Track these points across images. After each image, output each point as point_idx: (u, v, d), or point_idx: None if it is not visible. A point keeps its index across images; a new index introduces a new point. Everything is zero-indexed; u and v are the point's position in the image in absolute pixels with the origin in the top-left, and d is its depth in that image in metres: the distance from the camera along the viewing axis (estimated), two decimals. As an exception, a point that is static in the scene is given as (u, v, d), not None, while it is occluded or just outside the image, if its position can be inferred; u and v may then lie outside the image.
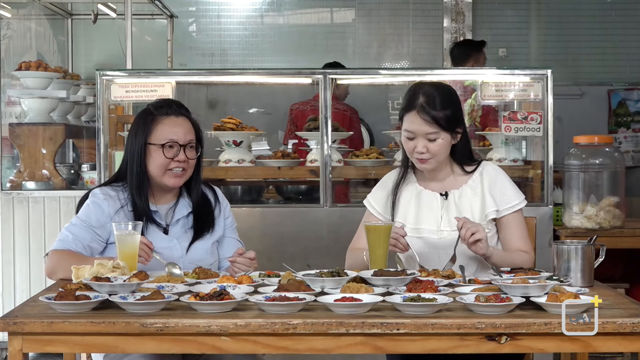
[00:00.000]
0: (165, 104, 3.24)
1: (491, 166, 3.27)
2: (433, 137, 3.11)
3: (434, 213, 3.21)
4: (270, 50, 8.21)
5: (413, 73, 5.23)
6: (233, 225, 3.35)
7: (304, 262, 3.44)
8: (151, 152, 3.15)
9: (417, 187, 3.26)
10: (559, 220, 4.81)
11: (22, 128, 5.43)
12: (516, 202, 3.19)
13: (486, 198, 3.17)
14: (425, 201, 3.23)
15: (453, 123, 3.12)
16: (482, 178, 3.21)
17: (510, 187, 3.22)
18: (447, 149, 3.15)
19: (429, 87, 3.16)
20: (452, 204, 3.20)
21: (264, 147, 5.06)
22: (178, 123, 3.18)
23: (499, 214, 3.17)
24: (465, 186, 3.21)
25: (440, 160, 3.17)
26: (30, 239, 5.18)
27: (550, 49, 8.23)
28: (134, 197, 3.16)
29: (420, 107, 3.10)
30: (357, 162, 4.73)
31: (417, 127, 3.11)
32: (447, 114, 3.10)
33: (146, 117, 3.19)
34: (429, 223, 3.20)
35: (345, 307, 2.44)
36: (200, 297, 2.48)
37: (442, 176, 3.24)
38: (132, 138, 3.20)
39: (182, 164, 3.15)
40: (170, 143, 3.14)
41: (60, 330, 2.39)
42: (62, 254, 3.04)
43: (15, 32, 6.61)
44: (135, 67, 5.27)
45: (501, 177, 3.22)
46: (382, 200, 3.31)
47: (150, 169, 3.16)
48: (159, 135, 3.15)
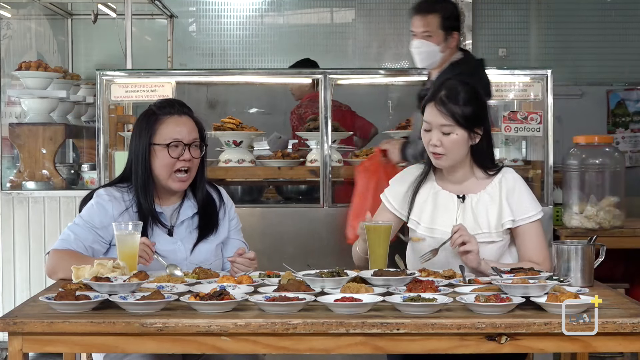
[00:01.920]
0: (168, 103, 3.24)
1: (511, 174, 3.21)
2: (447, 131, 3.10)
3: (450, 215, 3.18)
4: (270, 50, 8.21)
5: (413, 73, 5.22)
6: (238, 226, 3.35)
7: (304, 262, 3.44)
8: (156, 153, 3.15)
9: (435, 187, 3.24)
10: (559, 220, 4.81)
11: (22, 128, 5.43)
12: (533, 212, 3.14)
13: (503, 206, 3.14)
14: (441, 202, 3.20)
15: (471, 121, 3.10)
16: (500, 185, 3.17)
17: (528, 196, 3.18)
18: (462, 147, 3.12)
19: (454, 82, 3.18)
20: (468, 207, 3.17)
21: (264, 147, 5.07)
22: (181, 122, 3.18)
23: (515, 223, 3.14)
24: (484, 192, 3.18)
25: (454, 158, 3.14)
26: (30, 239, 5.18)
27: (550, 49, 8.23)
28: (140, 198, 3.15)
29: (439, 100, 3.11)
30: (357, 162, 4.72)
31: (433, 119, 3.11)
32: (464, 111, 3.09)
33: (149, 117, 3.19)
34: (444, 224, 3.17)
35: (345, 307, 2.44)
36: (200, 297, 2.48)
37: (460, 178, 3.20)
38: (136, 139, 3.18)
39: (187, 163, 3.14)
40: (175, 142, 3.14)
41: (60, 330, 2.39)
42: (63, 254, 3.04)
43: (15, 32, 6.61)
44: (135, 67, 5.27)
45: (520, 185, 3.18)
46: (399, 195, 3.27)
47: (156, 170, 3.15)
48: (163, 135, 3.14)
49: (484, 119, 3.17)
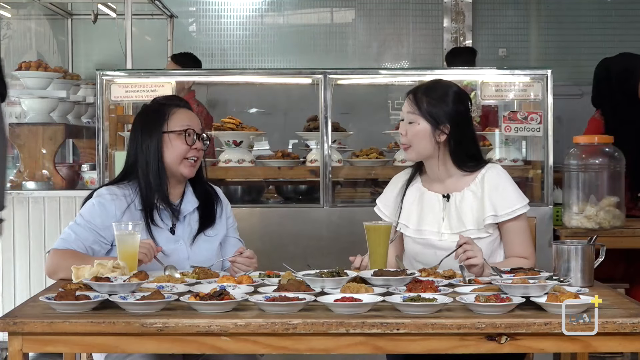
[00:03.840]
0: (173, 97, 3.33)
1: (495, 170, 3.21)
2: (411, 119, 3.15)
3: (436, 215, 3.20)
4: (270, 50, 8.21)
5: (413, 73, 5.23)
6: (234, 225, 3.38)
7: (304, 262, 3.44)
8: (171, 141, 3.16)
9: (420, 189, 3.26)
10: (559, 220, 4.80)
11: (22, 128, 5.43)
12: (517, 206, 3.14)
13: (485, 202, 3.15)
14: (427, 203, 3.22)
15: (436, 116, 3.13)
16: (483, 182, 3.18)
17: (512, 191, 3.17)
18: (424, 140, 3.14)
19: (434, 80, 3.27)
20: (453, 206, 3.18)
21: (264, 147, 5.06)
22: (190, 115, 3.25)
23: (498, 218, 3.14)
24: (467, 189, 3.19)
25: (419, 150, 3.16)
26: (30, 239, 5.18)
27: (550, 49, 8.23)
28: (147, 191, 3.15)
29: (414, 90, 3.20)
30: (357, 162, 4.73)
31: (403, 107, 3.20)
32: (432, 104, 3.13)
33: (158, 109, 3.22)
34: (431, 225, 3.19)
35: (345, 307, 2.44)
36: (200, 297, 2.48)
37: (443, 177, 3.22)
38: (145, 132, 3.18)
39: (198, 152, 3.19)
40: (190, 130, 3.17)
41: (60, 330, 2.39)
42: (64, 254, 3.04)
43: (15, 32, 6.62)
44: (135, 67, 5.27)
45: (503, 181, 3.18)
46: (390, 201, 3.31)
47: (167, 159, 3.17)
48: (178, 122, 3.19)
49: (454, 119, 3.15)
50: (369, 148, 4.89)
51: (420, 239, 3.19)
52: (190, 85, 6.23)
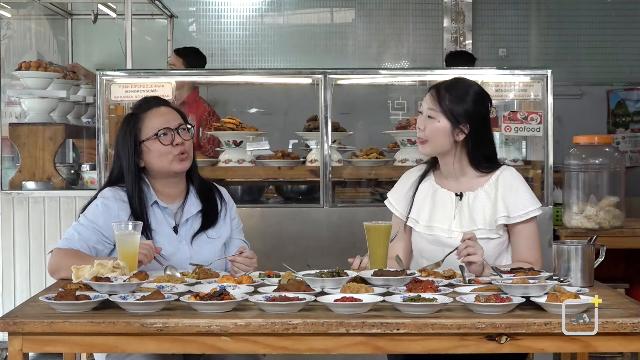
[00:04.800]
0: (143, 101, 3.30)
1: (509, 172, 3.22)
2: (432, 115, 3.15)
3: (447, 213, 3.20)
4: (270, 50, 8.21)
5: (413, 73, 5.23)
6: (239, 226, 3.37)
7: (304, 262, 3.44)
8: (149, 148, 3.16)
9: (433, 186, 3.27)
10: (559, 220, 4.81)
11: (22, 128, 5.43)
12: (530, 209, 3.14)
13: (498, 203, 3.15)
14: (439, 200, 3.23)
15: (457, 115, 3.12)
16: (497, 183, 3.18)
17: (525, 193, 3.18)
18: (443, 137, 3.14)
19: (457, 78, 3.26)
20: (465, 205, 3.18)
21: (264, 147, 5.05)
22: (161, 112, 3.22)
23: (510, 220, 3.14)
24: (481, 189, 3.19)
25: (436, 147, 3.17)
26: (30, 239, 5.18)
27: (550, 49, 8.23)
28: (133, 203, 3.15)
29: (437, 86, 3.20)
30: (357, 162, 4.73)
31: (424, 103, 3.19)
32: (453, 101, 3.13)
33: (129, 120, 3.22)
34: (441, 222, 3.19)
35: (345, 307, 2.44)
36: (200, 297, 2.48)
37: (457, 175, 3.22)
38: (120, 145, 3.20)
39: (182, 147, 3.16)
40: (163, 130, 3.16)
41: (60, 330, 2.40)
42: (66, 253, 3.05)
43: (15, 32, 6.61)
44: (135, 67, 5.27)
45: (518, 183, 3.19)
46: (401, 196, 3.31)
47: (154, 164, 3.16)
48: (149, 128, 3.17)
49: (474, 119, 3.15)
50: (369, 148, 4.88)
51: (430, 235, 3.19)
52: (192, 84, 6.23)
